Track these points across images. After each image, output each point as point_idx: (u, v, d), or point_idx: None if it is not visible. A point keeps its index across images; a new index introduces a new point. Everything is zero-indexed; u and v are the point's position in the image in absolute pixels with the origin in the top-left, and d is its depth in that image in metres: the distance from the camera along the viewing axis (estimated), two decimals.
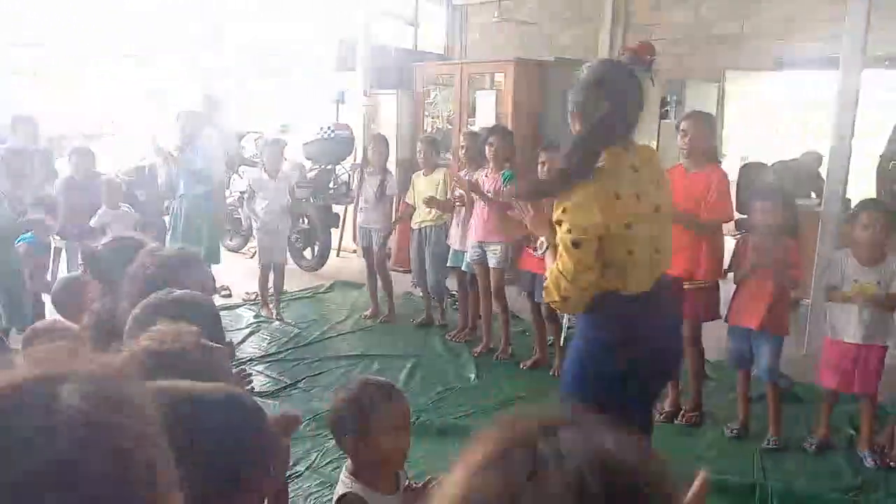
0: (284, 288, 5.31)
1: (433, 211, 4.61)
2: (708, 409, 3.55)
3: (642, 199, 1.99)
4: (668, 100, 7.17)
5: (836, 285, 3.04)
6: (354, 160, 6.65)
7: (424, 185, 4.66)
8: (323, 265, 6.41)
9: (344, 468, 1.70)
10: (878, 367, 2.99)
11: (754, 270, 3.15)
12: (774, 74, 7.55)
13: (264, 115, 7.26)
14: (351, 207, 6.14)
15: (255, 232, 5.29)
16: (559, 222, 1.94)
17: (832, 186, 4.23)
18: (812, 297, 4.17)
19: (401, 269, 5.88)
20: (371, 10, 6.93)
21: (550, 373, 4.03)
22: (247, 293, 5.54)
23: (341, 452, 3.01)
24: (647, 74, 6.75)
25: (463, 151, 4.50)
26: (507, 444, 0.55)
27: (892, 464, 2.98)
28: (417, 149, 4.84)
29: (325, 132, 6.13)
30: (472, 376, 4.06)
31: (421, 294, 5.08)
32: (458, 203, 4.40)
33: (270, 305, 5.13)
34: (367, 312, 5.14)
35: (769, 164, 6.43)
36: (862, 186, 5.37)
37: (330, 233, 6.46)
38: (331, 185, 6.38)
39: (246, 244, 6.94)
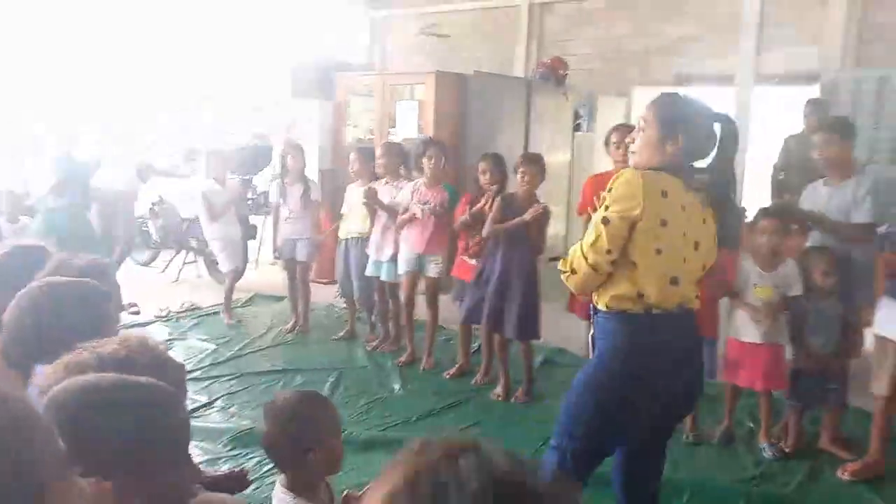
0: (197, 303, 5.17)
1: (363, 222, 4.58)
2: None
3: (684, 229, 1.97)
4: (581, 113, 7.45)
5: (739, 290, 3.26)
6: (273, 170, 6.54)
7: (358, 197, 4.62)
8: (240, 278, 6.24)
9: (278, 484, 1.67)
10: (779, 364, 3.21)
11: None
12: (676, 90, 7.99)
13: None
14: (269, 219, 6.02)
15: (210, 245, 5.29)
16: (603, 201, 1.96)
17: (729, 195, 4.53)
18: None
19: (323, 280, 5.81)
20: (290, 20, 6.84)
21: (473, 382, 4.09)
22: (160, 309, 5.33)
23: (265, 470, 2.99)
24: (560, 89, 7.02)
25: (381, 162, 4.50)
26: (413, 471, 0.60)
27: (787, 451, 3.21)
28: (351, 159, 4.74)
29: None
30: (397, 387, 4.06)
31: (345, 306, 5.04)
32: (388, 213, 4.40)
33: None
34: (289, 326, 5.04)
35: None
36: (757, 195, 5.76)
37: (247, 245, 6.30)
38: (249, 195, 6.23)
39: (156, 258, 6.67)
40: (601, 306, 2.00)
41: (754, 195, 5.64)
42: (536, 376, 3.99)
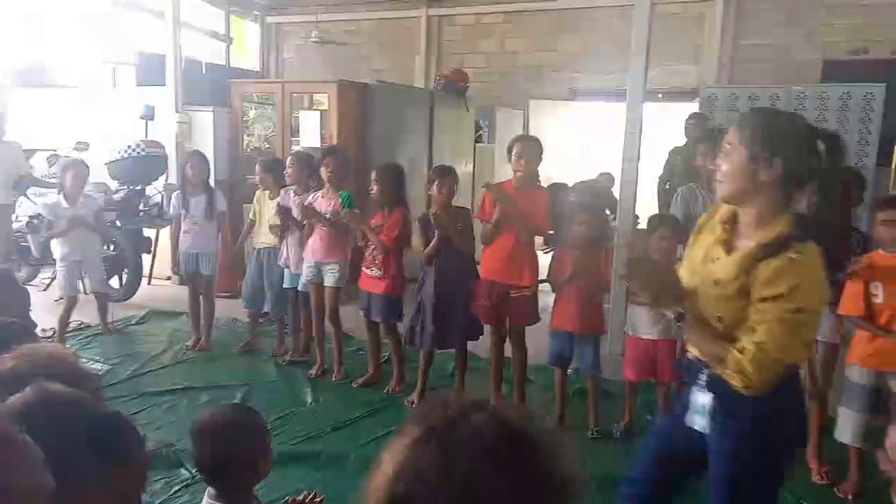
0: (85, 321, 4.82)
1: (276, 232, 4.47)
2: (531, 408, 3.84)
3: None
4: (482, 124, 7.65)
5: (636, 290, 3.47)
6: (167, 180, 6.24)
7: (270, 207, 4.48)
8: (133, 294, 5.90)
9: (207, 498, 1.63)
10: (673, 358, 3.44)
11: (571, 278, 3.50)
12: (570, 104, 8.39)
13: (56, 132, 6.51)
14: (164, 231, 5.74)
15: (58, 264, 4.73)
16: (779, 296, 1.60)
17: (624, 204, 4.81)
18: (612, 301, 4.66)
19: (226, 294, 5.60)
20: (179, 24, 6.55)
21: (386, 390, 4.09)
22: (42, 330, 4.92)
23: (174, 491, 2.85)
24: (461, 100, 7.18)
25: (289, 172, 4.43)
26: (432, 424, 0.68)
27: None
28: (257, 171, 4.61)
29: (133, 150, 5.65)
30: (309, 400, 3.99)
31: (248, 319, 4.88)
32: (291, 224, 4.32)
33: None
34: (190, 343, 4.82)
35: (570, 185, 7.12)
36: (648, 204, 6.14)
37: (141, 259, 5.97)
38: (141, 206, 5.89)
39: (37, 275, 6.19)
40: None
41: (643, 203, 6.00)
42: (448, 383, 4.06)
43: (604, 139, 8.52)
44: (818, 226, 1.74)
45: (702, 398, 1.77)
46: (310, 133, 6.15)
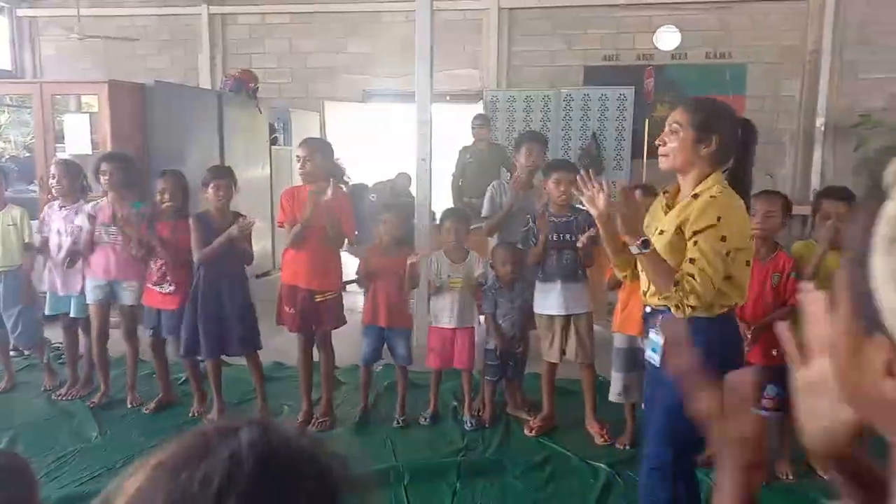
0: None
1: (7, 253, 3.95)
2: (343, 410, 3.86)
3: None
4: (276, 127, 7.46)
5: (433, 281, 3.64)
6: None
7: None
8: None
9: None
10: (471, 345, 3.66)
11: (380, 276, 3.57)
12: (363, 105, 8.49)
13: None
14: None
15: None
16: (713, 227, 1.98)
17: (420, 201, 5.00)
18: (414, 295, 4.82)
19: None
20: None
21: (190, 413, 3.84)
22: None
23: None
24: (253, 102, 6.93)
25: (55, 182, 3.95)
26: (185, 445, 0.60)
27: (485, 420, 3.68)
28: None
29: None
30: (94, 434, 3.60)
31: None
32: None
33: None
34: None
35: (370, 185, 7.23)
36: (445, 201, 6.43)
37: None
38: None
39: None
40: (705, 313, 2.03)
41: (439, 200, 6.28)
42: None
43: (398, 140, 8.76)
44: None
45: (655, 337, 2.11)
46: (78, 139, 5.53)
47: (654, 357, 2.12)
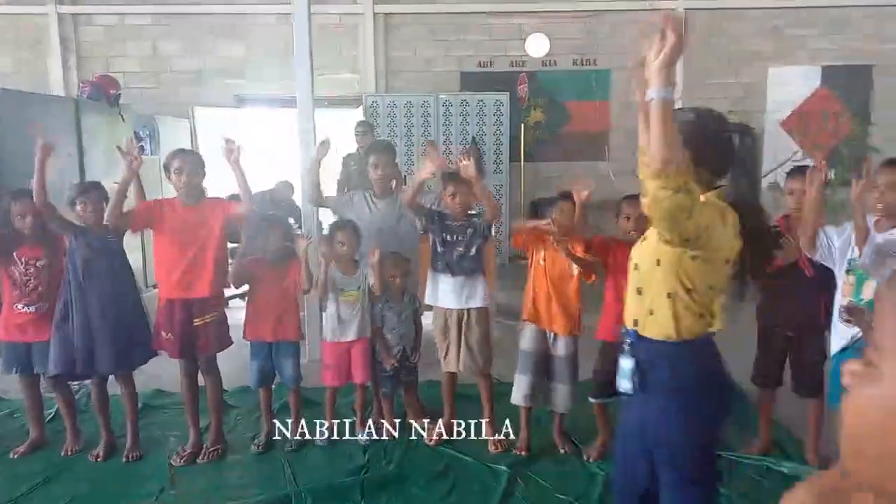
0: None
1: None
2: (233, 437, 3.68)
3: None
4: (142, 135, 6.99)
5: (328, 294, 3.53)
6: None
7: None
8: None
9: None
10: (367, 357, 3.60)
11: (264, 289, 3.47)
12: (237, 111, 8.15)
13: None
14: None
15: None
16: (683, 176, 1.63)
17: (307, 210, 4.86)
18: (306, 308, 4.68)
19: None
20: None
21: (63, 452, 3.50)
22: None
23: None
24: (115, 109, 6.45)
25: None
26: None
27: (385, 433, 3.63)
28: None
29: None
30: None
31: None
32: None
33: None
34: None
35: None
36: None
37: None
38: None
39: None
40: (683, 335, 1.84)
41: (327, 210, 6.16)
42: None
43: (277, 147, 8.48)
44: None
45: (625, 363, 1.94)
46: None
47: (626, 385, 1.96)
